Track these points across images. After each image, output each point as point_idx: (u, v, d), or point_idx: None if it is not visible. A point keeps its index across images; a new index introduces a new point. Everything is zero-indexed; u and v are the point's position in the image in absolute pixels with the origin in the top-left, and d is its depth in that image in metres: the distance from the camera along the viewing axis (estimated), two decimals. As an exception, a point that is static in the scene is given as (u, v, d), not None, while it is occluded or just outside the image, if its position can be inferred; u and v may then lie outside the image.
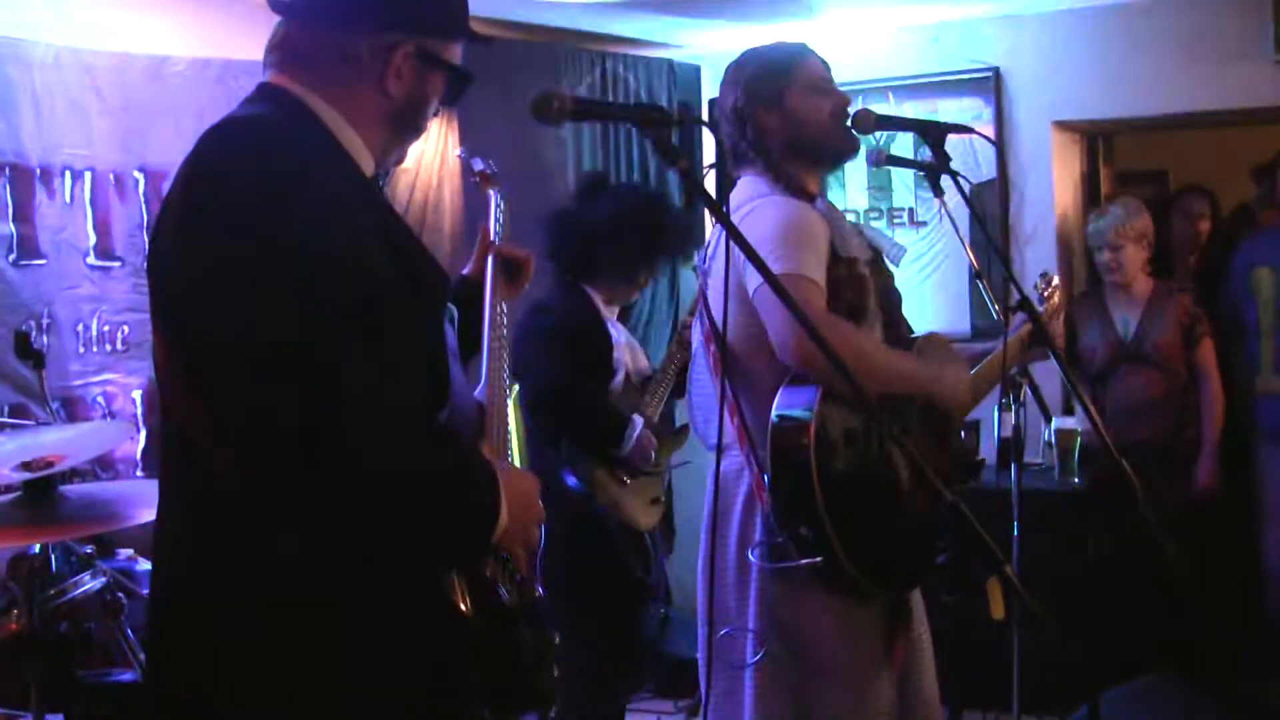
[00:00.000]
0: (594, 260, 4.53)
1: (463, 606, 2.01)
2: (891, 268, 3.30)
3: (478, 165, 3.05)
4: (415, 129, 2.17)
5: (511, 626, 2.11)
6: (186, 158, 1.92)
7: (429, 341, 2.09)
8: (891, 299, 3.23)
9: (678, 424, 4.81)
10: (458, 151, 3.20)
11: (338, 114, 2.04)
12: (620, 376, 4.52)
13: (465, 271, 2.70)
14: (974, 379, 3.21)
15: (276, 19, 2.10)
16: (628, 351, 4.58)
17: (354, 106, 2.05)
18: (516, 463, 4.45)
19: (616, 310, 4.64)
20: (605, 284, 4.56)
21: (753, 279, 2.89)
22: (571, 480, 4.37)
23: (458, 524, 1.94)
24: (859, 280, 3.09)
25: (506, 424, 2.52)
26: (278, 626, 1.88)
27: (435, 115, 2.21)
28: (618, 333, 4.56)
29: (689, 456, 4.75)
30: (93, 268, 4.74)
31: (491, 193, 2.92)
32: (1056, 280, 3.57)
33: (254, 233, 1.80)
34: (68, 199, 4.68)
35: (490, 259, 2.67)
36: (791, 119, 3.12)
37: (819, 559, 2.85)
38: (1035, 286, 3.50)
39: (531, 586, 2.20)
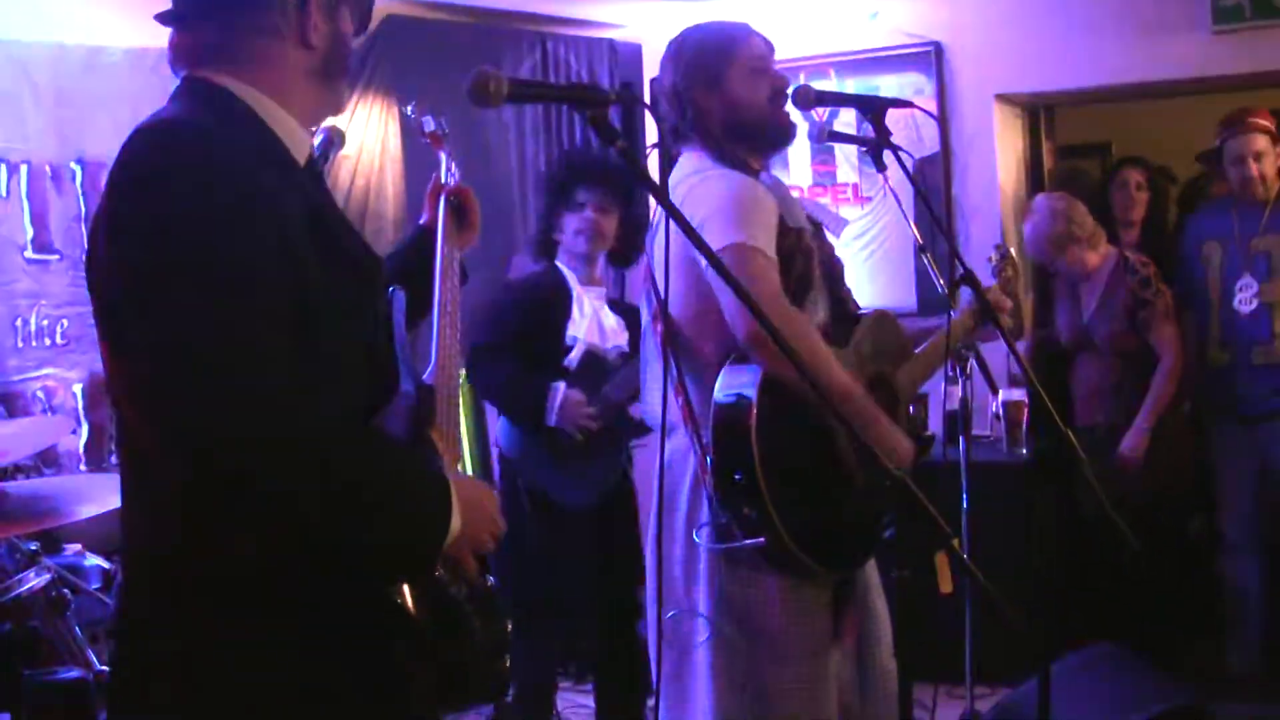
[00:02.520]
0: (544, 227, 4.59)
1: (410, 607, 1.99)
2: (832, 239, 3.30)
3: (428, 126, 2.92)
4: (344, 71, 2.14)
5: (462, 621, 2.08)
6: (116, 160, 1.89)
7: (367, 330, 2.07)
8: (833, 269, 3.23)
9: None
10: (406, 108, 3.09)
11: (266, 96, 2.01)
12: (578, 352, 4.47)
13: (422, 221, 2.63)
14: (915, 372, 3.23)
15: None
16: (593, 328, 4.50)
17: (281, 79, 2.02)
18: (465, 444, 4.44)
19: (600, 288, 4.61)
20: (568, 243, 4.53)
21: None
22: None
23: (404, 536, 1.90)
24: (807, 251, 3.09)
25: (457, 409, 2.46)
26: (227, 630, 1.87)
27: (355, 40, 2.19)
28: (584, 309, 4.49)
29: (650, 439, 4.72)
30: (31, 261, 4.70)
31: (442, 154, 2.81)
32: (1012, 252, 3.57)
33: (180, 240, 1.77)
34: (4, 192, 4.63)
35: (441, 204, 2.59)
36: (730, 101, 3.09)
37: (762, 540, 2.85)
38: (989, 259, 3.51)
39: (482, 577, 2.13)
